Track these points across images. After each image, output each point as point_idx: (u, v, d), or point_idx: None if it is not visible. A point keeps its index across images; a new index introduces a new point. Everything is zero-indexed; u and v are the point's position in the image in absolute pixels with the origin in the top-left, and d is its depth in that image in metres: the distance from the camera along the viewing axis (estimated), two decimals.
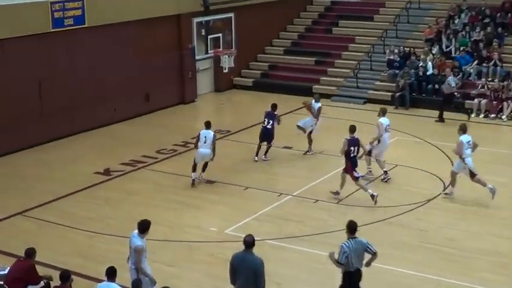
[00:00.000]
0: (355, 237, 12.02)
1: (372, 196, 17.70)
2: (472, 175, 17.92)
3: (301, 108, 27.31)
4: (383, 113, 19.95)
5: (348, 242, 11.90)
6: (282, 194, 18.60)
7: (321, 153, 21.96)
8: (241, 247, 15.35)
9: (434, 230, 16.44)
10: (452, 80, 25.95)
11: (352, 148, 17.98)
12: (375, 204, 17.67)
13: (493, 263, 14.83)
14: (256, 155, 21.39)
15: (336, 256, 11.85)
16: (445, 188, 18.77)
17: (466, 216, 17.25)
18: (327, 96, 29.32)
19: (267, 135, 21.35)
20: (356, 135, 18.61)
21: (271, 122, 21.31)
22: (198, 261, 14.95)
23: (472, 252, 15.25)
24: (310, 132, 21.99)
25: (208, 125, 19.76)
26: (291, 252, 15.35)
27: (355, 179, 17.92)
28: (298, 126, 22.08)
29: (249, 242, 11.36)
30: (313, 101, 22.33)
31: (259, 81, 31.63)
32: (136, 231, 12.18)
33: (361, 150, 18.46)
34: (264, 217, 17.30)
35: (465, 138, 18.05)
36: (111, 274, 11.50)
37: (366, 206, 17.82)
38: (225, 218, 17.18)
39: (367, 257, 12.11)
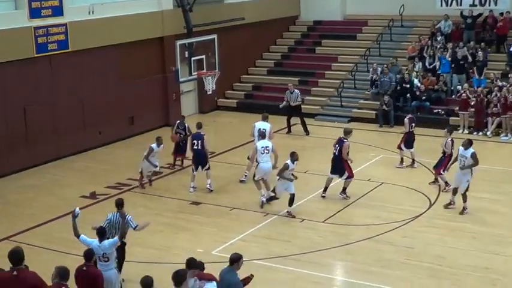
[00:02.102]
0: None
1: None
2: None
3: (285, 128, 27.48)
4: None
5: None
6: (268, 214, 18.56)
7: (306, 173, 21.94)
8: None
9: (422, 247, 16.42)
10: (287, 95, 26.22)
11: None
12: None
13: (482, 279, 14.82)
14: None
15: None
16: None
17: (454, 232, 17.24)
18: (311, 115, 29.44)
19: None
20: None
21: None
22: None
23: (461, 269, 15.24)
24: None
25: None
26: (278, 272, 15.29)
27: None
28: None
29: (230, 259, 11.52)
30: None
31: (243, 102, 31.67)
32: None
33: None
34: (250, 237, 17.26)
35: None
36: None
37: (352, 224, 17.84)
38: (212, 239, 17.10)
39: None
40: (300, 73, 32.22)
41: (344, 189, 19.58)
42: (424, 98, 28.08)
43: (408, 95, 28.30)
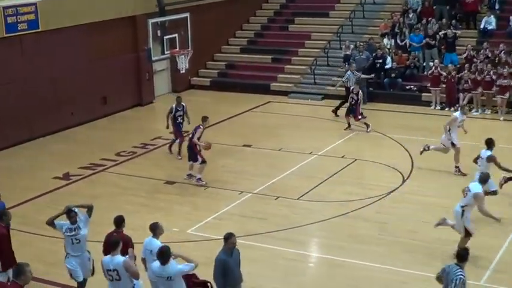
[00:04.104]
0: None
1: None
2: None
3: (259, 106, 27.52)
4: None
5: None
6: (242, 192, 18.62)
7: (280, 151, 22.03)
8: (203, 246, 15.52)
9: (395, 222, 16.59)
10: (351, 76, 26.09)
11: None
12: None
13: (453, 252, 14.98)
14: None
15: None
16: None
17: (426, 207, 17.42)
18: (285, 93, 29.53)
19: None
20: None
21: None
22: None
23: (433, 243, 15.41)
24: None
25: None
26: (254, 250, 15.34)
27: None
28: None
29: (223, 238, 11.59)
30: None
31: (216, 81, 31.63)
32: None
33: None
34: (225, 216, 17.32)
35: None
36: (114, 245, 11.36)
37: (326, 201, 17.95)
38: (187, 218, 17.14)
39: None
40: (273, 51, 32.21)
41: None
42: (394, 75, 28.23)
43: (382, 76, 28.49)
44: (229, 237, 11.46)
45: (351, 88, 24.31)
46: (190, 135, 19.68)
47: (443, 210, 17.12)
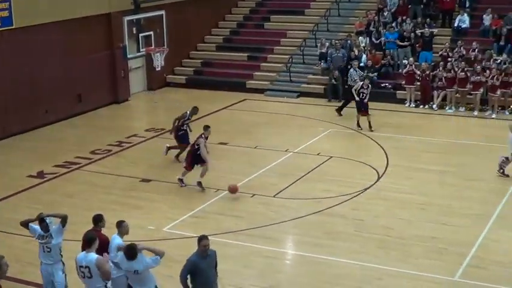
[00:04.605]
0: None
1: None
2: None
3: (235, 103, 27.49)
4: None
5: None
6: (218, 189, 18.55)
7: (256, 148, 22.03)
8: (179, 244, 15.47)
9: (371, 219, 16.63)
10: (354, 74, 26.14)
11: None
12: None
13: (429, 248, 15.09)
14: None
15: None
16: None
17: (402, 204, 17.49)
18: (261, 91, 29.54)
19: None
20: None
21: None
22: None
23: (409, 239, 15.48)
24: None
25: None
26: (230, 247, 15.31)
27: None
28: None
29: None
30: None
31: (192, 78, 31.53)
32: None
33: None
34: (202, 214, 17.26)
35: None
36: (89, 242, 11.15)
37: (302, 198, 17.96)
38: (163, 216, 17.05)
39: None
40: (249, 49, 32.19)
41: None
42: (371, 73, 28.29)
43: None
44: (201, 239, 11.17)
45: (362, 83, 23.99)
46: (194, 145, 18.74)
47: (419, 206, 17.30)
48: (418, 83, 26.97)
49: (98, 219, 12.28)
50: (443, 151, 21.76)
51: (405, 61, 28.10)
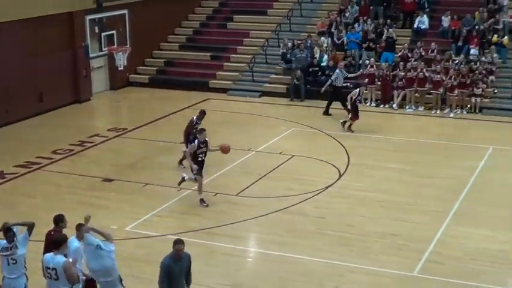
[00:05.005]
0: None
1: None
2: None
3: (198, 103, 27.50)
4: None
5: None
6: (181, 188, 18.57)
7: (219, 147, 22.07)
8: (142, 243, 15.49)
9: (333, 216, 16.80)
10: (340, 74, 26.37)
11: None
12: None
13: (389, 244, 15.31)
14: None
15: None
16: None
17: (362, 202, 17.71)
18: (224, 90, 29.60)
19: None
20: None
21: None
22: None
23: (370, 236, 15.69)
24: None
25: None
26: (193, 246, 15.22)
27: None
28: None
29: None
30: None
31: (155, 78, 31.45)
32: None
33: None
34: (164, 213, 17.27)
35: None
36: (58, 244, 11.00)
37: (265, 196, 18.07)
38: (126, 216, 17.02)
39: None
40: (212, 48, 32.21)
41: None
42: (332, 73, 28.54)
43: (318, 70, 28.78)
44: (176, 243, 11.22)
45: (358, 91, 23.87)
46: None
47: (379, 204, 17.53)
48: (379, 83, 27.28)
49: (59, 220, 12.16)
50: (403, 149, 22.05)
51: (366, 61, 28.40)
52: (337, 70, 26.27)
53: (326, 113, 25.90)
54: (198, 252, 15.02)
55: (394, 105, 26.66)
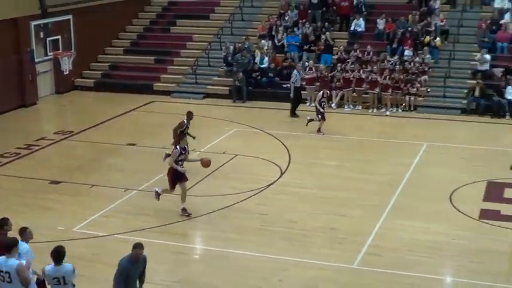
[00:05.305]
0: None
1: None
2: None
3: (143, 105, 27.33)
4: None
5: None
6: (128, 189, 18.45)
7: (163, 148, 21.96)
8: (89, 243, 15.31)
9: (275, 213, 16.86)
10: (297, 75, 26.40)
11: None
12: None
13: (330, 239, 15.44)
14: None
15: None
16: None
17: (303, 198, 17.82)
18: (168, 93, 29.49)
19: None
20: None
21: None
22: (47, 262, 14.52)
23: (311, 231, 15.80)
24: None
25: None
26: None
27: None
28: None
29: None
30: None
31: (100, 82, 31.14)
32: None
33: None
34: (111, 213, 17.11)
35: None
36: (9, 247, 10.68)
37: (210, 195, 18.04)
38: (73, 217, 16.79)
39: None
40: (156, 52, 32.04)
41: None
42: (272, 74, 28.72)
43: (258, 72, 28.84)
44: (135, 247, 11.14)
45: (322, 93, 23.66)
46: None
47: (319, 200, 17.67)
48: (318, 84, 27.48)
49: (3, 223, 11.86)
50: (342, 147, 22.25)
51: (306, 63, 28.60)
52: (295, 72, 26.41)
53: (293, 114, 25.90)
54: (146, 251, 14.86)
55: (333, 105, 26.89)
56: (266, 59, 29.19)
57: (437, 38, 29.08)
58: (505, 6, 30.03)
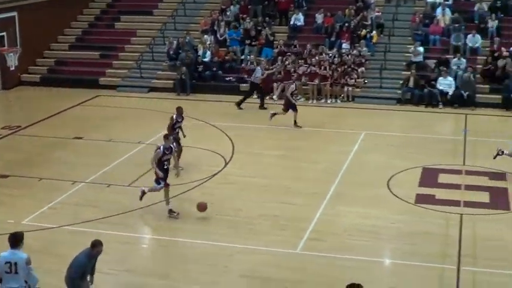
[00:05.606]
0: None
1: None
2: None
3: (89, 100, 27.02)
4: None
5: None
6: (75, 182, 18.21)
7: (110, 141, 21.78)
8: (39, 236, 15.07)
9: (220, 202, 16.82)
10: (259, 70, 26.28)
11: None
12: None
13: (273, 225, 15.49)
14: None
15: None
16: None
17: (247, 187, 17.87)
18: (113, 87, 29.19)
19: None
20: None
21: None
22: None
23: (255, 218, 15.85)
24: None
25: None
26: (90, 236, 14.85)
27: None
28: None
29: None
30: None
31: (46, 77, 30.60)
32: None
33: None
34: (60, 205, 16.85)
35: None
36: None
37: None
38: (22, 210, 16.46)
39: None
40: (101, 47, 31.65)
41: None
42: (214, 68, 28.68)
43: (201, 66, 28.77)
44: (96, 246, 11.16)
45: (294, 85, 23.65)
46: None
47: (262, 188, 17.73)
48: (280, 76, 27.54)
49: None
50: (284, 138, 22.36)
51: (248, 57, 28.63)
52: (258, 67, 26.42)
53: (238, 105, 25.80)
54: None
55: (274, 97, 26.97)
56: (208, 53, 29.12)
57: (374, 32, 29.43)
58: (437, 1, 30.59)
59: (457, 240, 14.65)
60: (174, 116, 19.00)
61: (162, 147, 16.04)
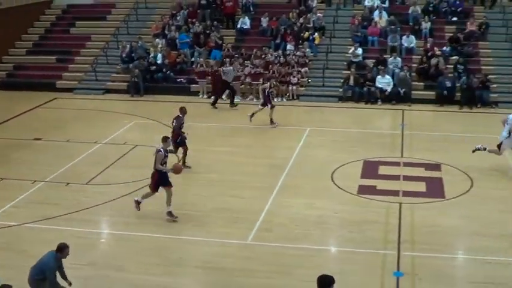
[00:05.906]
0: None
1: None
2: None
3: (47, 102, 26.63)
4: None
5: None
6: (35, 181, 17.95)
7: (68, 142, 21.52)
8: (2, 233, 14.82)
9: (174, 197, 16.53)
10: (231, 71, 26.20)
11: None
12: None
13: (225, 218, 15.52)
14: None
15: None
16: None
17: (199, 182, 17.88)
18: (70, 90, 28.86)
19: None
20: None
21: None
22: None
23: (207, 212, 15.87)
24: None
25: None
26: (51, 232, 14.84)
27: None
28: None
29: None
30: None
31: (5, 81, 30.11)
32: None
33: None
34: (21, 204, 16.59)
35: None
36: None
37: (113, 183, 17.79)
38: None
39: None
40: (57, 52, 31.26)
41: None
42: (167, 70, 28.56)
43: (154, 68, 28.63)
44: (63, 249, 11.14)
45: (269, 83, 23.34)
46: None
47: (214, 184, 17.76)
48: (209, 78, 27.52)
49: None
50: (232, 135, 22.42)
51: (198, 59, 28.58)
52: (231, 67, 26.32)
53: (213, 104, 25.80)
54: (53, 237, 14.55)
55: (224, 97, 26.96)
56: (160, 55, 28.99)
57: (316, 34, 29.67)
58: (374, 4, 31.01)
59: (397, 228, 14.90)
60: (182, 116, 18.55)
61: (162, 149, 15.51)
